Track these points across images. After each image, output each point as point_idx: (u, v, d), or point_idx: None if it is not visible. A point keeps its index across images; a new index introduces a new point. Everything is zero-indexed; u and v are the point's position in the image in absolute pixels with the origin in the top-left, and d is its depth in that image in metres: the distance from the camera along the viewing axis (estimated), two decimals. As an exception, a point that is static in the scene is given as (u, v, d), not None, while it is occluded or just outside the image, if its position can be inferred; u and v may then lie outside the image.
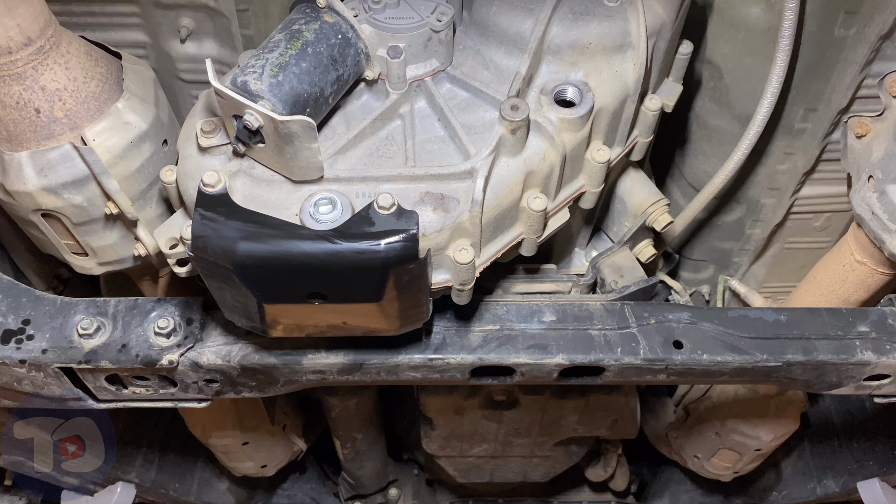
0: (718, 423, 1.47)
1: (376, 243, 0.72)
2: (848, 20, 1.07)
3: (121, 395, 0.99)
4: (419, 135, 0.89)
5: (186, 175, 0.85)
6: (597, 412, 1.37)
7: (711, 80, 1.23)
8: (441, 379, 0.98)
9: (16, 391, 0.96)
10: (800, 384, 1.01)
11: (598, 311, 1.00)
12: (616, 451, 1.78)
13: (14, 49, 0.83)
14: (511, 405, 1.35)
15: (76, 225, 0.98)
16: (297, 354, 0.94)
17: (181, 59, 1.19)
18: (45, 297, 0.96)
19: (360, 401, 1.47)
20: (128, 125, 0.94)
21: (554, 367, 0.95)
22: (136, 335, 0.93)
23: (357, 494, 1.93)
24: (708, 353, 0.96)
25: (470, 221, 0.82)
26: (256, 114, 0.75)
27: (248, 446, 1.54)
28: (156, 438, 1.56)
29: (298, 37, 0.81)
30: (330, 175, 0.81)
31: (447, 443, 1.50)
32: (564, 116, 0.87)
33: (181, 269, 0.89)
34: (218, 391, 0.99)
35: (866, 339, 0.97)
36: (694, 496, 1.89)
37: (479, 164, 0.82)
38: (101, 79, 0.92)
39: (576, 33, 0.91)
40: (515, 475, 1.71)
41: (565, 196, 0.95)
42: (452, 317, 0.99)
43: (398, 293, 0.78)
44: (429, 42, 0.89)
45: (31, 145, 0.90)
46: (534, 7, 0.91)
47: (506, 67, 0.92)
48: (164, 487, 1.56)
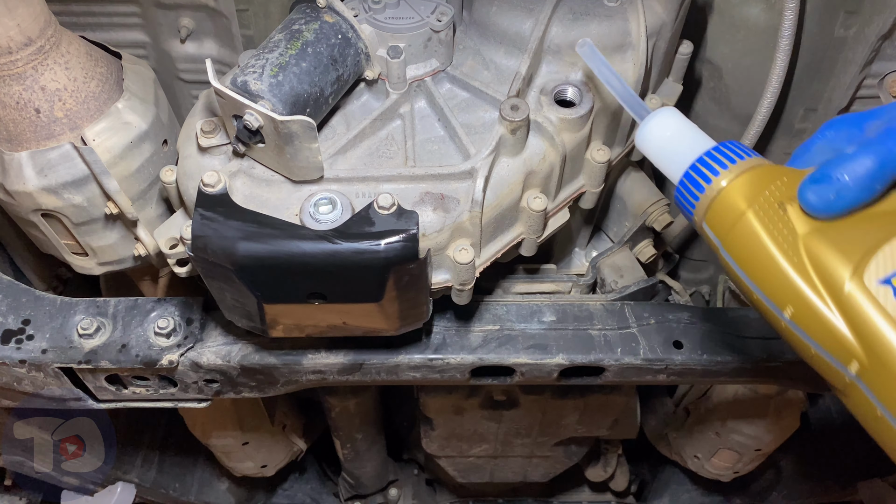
0: (718, 423, 1.47)
1: (376, 243, 0.72)
2: (848, 20, 1.07)
3: (121, 395, 0.99)
4: (419, 135, 0.89)
5: (186, 175, 0.85)
6: (597, 412, 1.37)
7: (711, 80, 1.23)
8: (441, 379, 0.98)
9: (16, 391, 0.96)
10: (800, 384, 1.01)
11: (598, 311, 1.00)
12: (616, 451, 1.78)
13: (14, 49, 0.83)
14: (511, 405, 1.35)
15: (76, 225, 0.98)
16: (297, 354, 0.94)
17: (181, 59, 1.19)
18: (45, 297, 0.96)
19: (360, 401, 1.47)
20: (128, 125, 0.94)
21: (554, 367, 0.95)
22: (136, 335, 0.93)
23: (357, 494, 1.93)
24: (708, 353, 0.96)
25: (470, 221, 0.82)
26: (256, 114, 0.75)
27: (248, 446, 1.54)
28: (156, 438, 1.56)
29: (298, 37, 0.81)
30: (330, 175, 0.81)
31: (447, 443, 1.50)
32: (564, 116, 0.87)
33: (181, 269, 0.89)
34: (218, 391, 0.99)
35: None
36: (694, 496, 1.89)
37: (479, 164, 0.82)
38: (101, 79, 0.92)
39: (576, 33, 0.91)
40: (515, 475, 1.71)
41: (565, 196, 0.95)
42: (452, 317, 0.99)
43: (398, 293, 0.78)
44: (429, 42, 0.89)
45: (31, 145, 0.90)
46: (534, 7, 0.91)
47: (506, 67, 0.92)
48: (164, 487, 1.56)
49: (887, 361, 0.49)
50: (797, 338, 0.54)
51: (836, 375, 0.53)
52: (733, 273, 0.58)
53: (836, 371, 0.52)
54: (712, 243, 0.59)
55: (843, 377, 0.52)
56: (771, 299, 0.55)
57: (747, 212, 0.56)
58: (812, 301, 0.52)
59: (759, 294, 0.56)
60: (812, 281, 0.53)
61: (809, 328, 0.53)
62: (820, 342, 0.52)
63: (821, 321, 0.52)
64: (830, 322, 0.52)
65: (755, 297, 0.56)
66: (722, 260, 0.59)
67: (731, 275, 0.58)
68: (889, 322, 0.49)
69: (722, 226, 0.57)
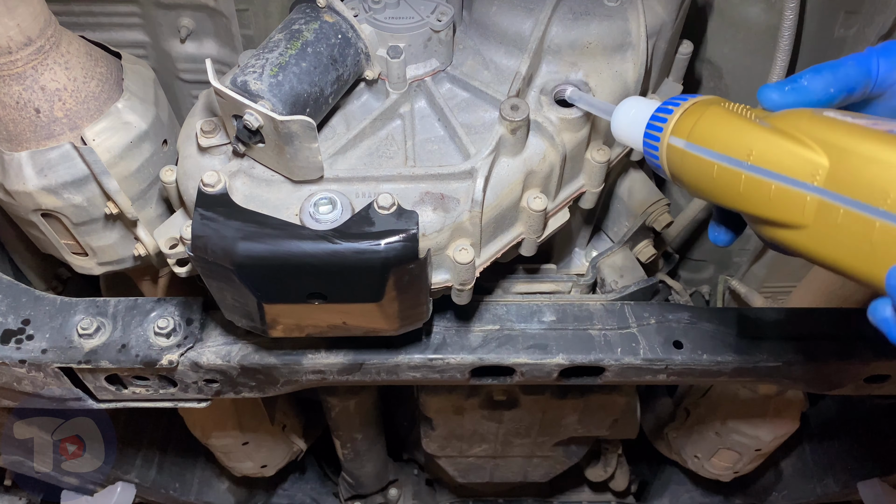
0: (718, 423, 1.47)
1: (376, 243, 0.72)
2: (848, 20, 1.07)
3: (121, 395, 0.99)
4: (419, 135, 0.89)
5: (186, 175, 0.85)
6: (597, 412, 1.37)
7: (711, 80, 1.23)
8: (441, 379, 0.98)
9: (16, 391, 0.96)
10: (800, 384, 1.01)
11: (598, 311, 1.00)
12: (616, 451, 1.78)
13: (14, 49, 0.83)
14: (511, 405, 1.35)
15: (76, 225, 0.98)
16: (297, 354, 0.94)
17: (181, 59, 1.19)
18: (45, 297, 0.96)
19: (360, 401, 1.47)
20: (128, 125, 0.94)
21: (554, 367, 0.95)
22: (135, 335, 0.93)
23: (357, 494, 1.93)
24: (708, 353, 0.96)
25: (470, 221, 0.82)
26: (256, 114, 0.75)
27: (248, 446, 1.54)
28: (156, 438, 1.56)
29: (298, 37, 0.81)
30: (330, 175, 0.81)
31: (447, 443, 1.50)
32: (564, 116, 0.87)
33: (181, 269, 0.89)
34: (218, 391, 0.99)
35: (866, 339, 0.97)
36: (694, 496, 1.89)
37: (479, 164, 0.82)
38: (101, 79, 0.92)
39: (576, 33, 0.91)
40: (515, 475, 1.71)
41: (565, 196, 0.95)
42: (452, 317, 0.99)
43: (398, 293, 0.78)
44: (429, 42, 0.89)
45: (31, 145, 0.90)
46: (534, 7, 0.91)
47: (506, 67, 0.92)
48: (164, 487, 1.56)
49: (851, 147, 0.52)
50: (756, 186, 0.57)
51: (796, 204, 0.55)
52: (697, 164, 0.62)
53: (797, 198, 0.55)
54: (679, 163, 0.65)
55: (803, 204, 0.54)
56: (733, 155, 0.59)
57: (711, 105, 0.63)
58: (773, 134, 0.57)
59: (719, 160, 0.60)
60: (773, 124, 0.58)
61: (771, 160, 0.56)
62: (782, 169, 0.55)
63: (782, 146, 0.56)
64: (792, 142, 0.55)
65: (715, 170, 0.60)
66: (687, 170, 0.64)
67: (695, 170, 0.63)
68: (850, 120, 0.54)
69: (684, 130, 0.64)
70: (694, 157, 0.62)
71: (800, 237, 0.56)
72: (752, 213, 0.59)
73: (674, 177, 0.67)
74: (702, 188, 0.63)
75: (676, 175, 0.66)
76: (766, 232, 0.59)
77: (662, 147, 0.66)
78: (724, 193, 0.61)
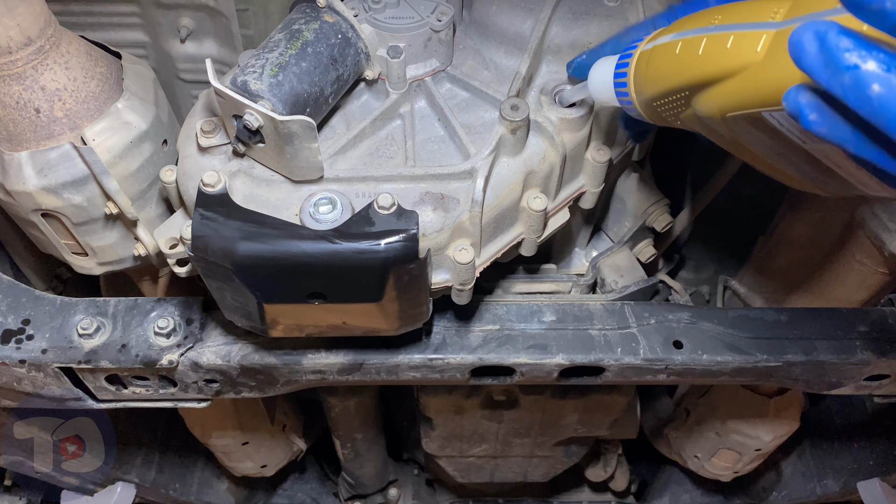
0: (718, 423, 1.47)
1: (376, 243, 0.72)
2: (848, 20, 1.07)
3: (121, 395, 0.99)
4: (419, 135, 0.89)
5: (186, 175, 0.85)
6: (597, 412, 1.37)
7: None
8: (441, 379, 0.98)
9: (16, 391, 0.96)
10: (800, 384, 1.01)
11: (598, 311, 1.00)
12: (616, 451, 1.78)
13: (14, 49, 0.83)
14: (511, 405, 1.35)
15: (76, 225, 0.98)
16: (297, 354, 0.94)
17: (181, 59, 1.19)
18: (45, 297, 0.96)
19: (360, 401, 1.47)
20: (128, 125, 0.94)
21: (554, 367, 0.95)
22: (135, 335, 0.93)
23: (357, 494, 1.93)
24: (708, 353, 0.96)
25: (470, 221, 0.82)
26: (256, 114, 0.75)
27: (248, 446, 1.54)
28: (156, 438, 1.56)
29: (298, 37, 0.81)
30: (330, 175, 0.81)
31: (447, 443, 1.50)
32: (564, 116, 0.87)
33: (181, 269, 0.89)
34: (218, 391, 0.99)
35: (866, 339, 0.97)
36: (694, 496, 1.89)
37: (479, 164, 0.82)
38: (101, 79, 0.92)
39: (576, 33, 0.91)
40: (515, 475, 1.71)
41: (565, 196, 0.95)
42: (452, 317, 0.99)
43: (398, 293, 0.78)
44: (429, 42, 0.89)
45: (30, 145, 0.90)
46: (534, 7, 0.91)
47: (506, 67, 0.92)
48: (164, 487, 1.56)
49: None
50: (715, 43, 0.60)
51: (751, 44, 0.57)
52: (662, 54, 0.66)
53: (753, 38, 0.57)
54: (644, 71, 0.69)
55: (758, 41, 0.56)
56: (700, 26, 0.63)
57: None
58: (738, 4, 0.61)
59: (686, 35, 0.63)
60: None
61: (736, 16, 0.60)
62: (745, 19, 0.59)
63: (748, 4, 0.60)
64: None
65: (679, 46, 0.64)
66: (652, 70, 0.68)
67: (659, 63, 0.67)
68: None
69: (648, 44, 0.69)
70: (660, 49, 0.67)
71: (738, 84, 0.58)
72: (704, 74, 0.61)
73: (640, 96, 0.70)
74: (662, 77, 0.67)
75: (641, 90, 0.70)
76: (703, 102, 0.62)
77: (630, 74, 0.71)
78: (683, 67, 0.64)
